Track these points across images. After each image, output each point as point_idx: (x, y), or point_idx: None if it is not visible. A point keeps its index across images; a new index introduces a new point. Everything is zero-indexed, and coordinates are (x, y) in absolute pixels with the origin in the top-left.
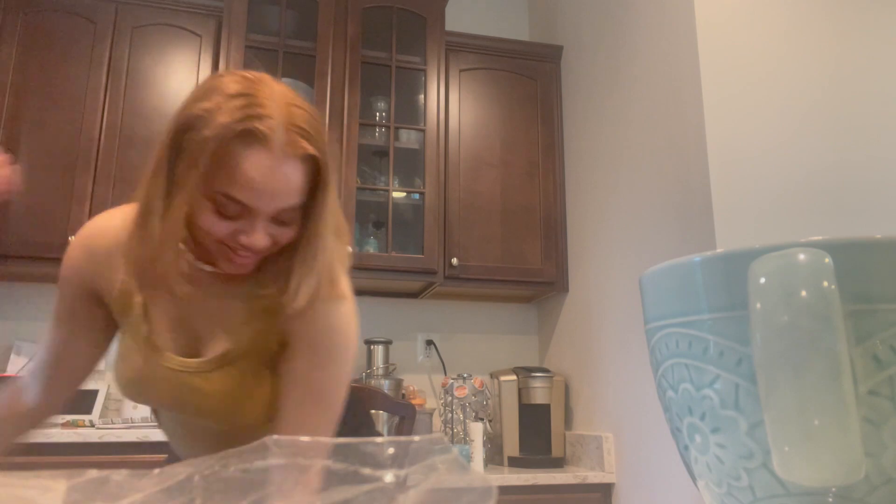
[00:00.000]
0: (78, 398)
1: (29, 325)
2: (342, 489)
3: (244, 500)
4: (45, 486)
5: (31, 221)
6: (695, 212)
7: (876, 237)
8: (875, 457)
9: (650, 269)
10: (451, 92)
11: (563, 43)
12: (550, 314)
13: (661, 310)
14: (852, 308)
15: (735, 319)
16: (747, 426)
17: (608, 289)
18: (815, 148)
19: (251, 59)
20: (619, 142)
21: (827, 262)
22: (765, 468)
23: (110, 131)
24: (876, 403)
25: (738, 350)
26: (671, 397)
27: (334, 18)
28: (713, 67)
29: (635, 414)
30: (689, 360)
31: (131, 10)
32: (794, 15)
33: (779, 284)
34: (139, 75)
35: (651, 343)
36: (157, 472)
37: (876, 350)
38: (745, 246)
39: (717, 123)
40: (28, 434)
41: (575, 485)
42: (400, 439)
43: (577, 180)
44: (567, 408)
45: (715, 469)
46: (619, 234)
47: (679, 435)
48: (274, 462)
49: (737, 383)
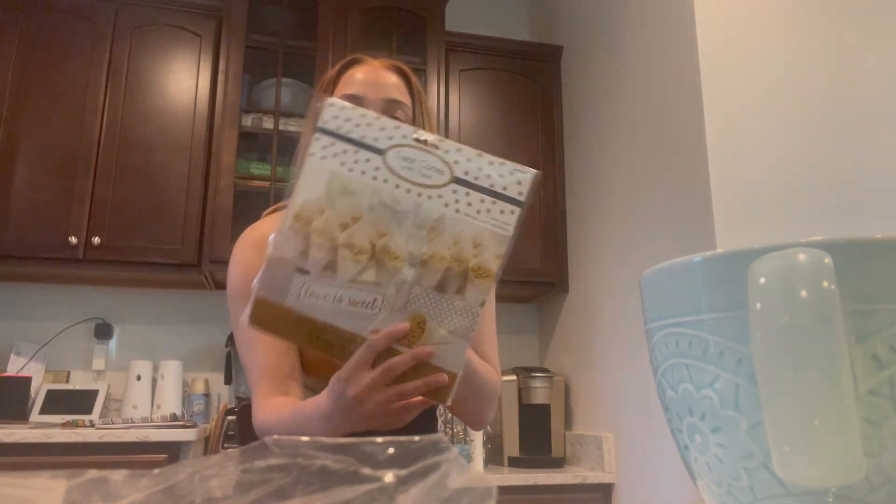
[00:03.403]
0: (78, 398)
1: (29, 325)
2: (342, 489)
3: (244, 499)
4: (45, 486)
5: (31, 221)
6: (695, 212)
7: (876, 237)
8: (875, 457)
9: (650, 269)
10: (451, 92)
11: (563, 43)
12: (550, 314)
13: (661, 310)
14: (852, 308)
15: (735, 319)
16: (747, 426)
17: (608, 289)
18: (815, 148)
19: (251, 59)
20: (619, 142)
21: (827, 262)
22: (765, 468)
23: (110, 131)
24: (876, 403)
25: (738, 350)
26: (671, 397)
27: (334, 18)
28: (713, 67)
29: (635, 414)
30: (689, 360)
31: (131, 10)
32: (794, 15)
33: (779, 284)
34: (139, 75)
35: (651, 343)
36: (157, 472)
37: (876, 350)
38: (745, 246)
39: (717, 123)
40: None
41: (575, 485)
42: (400, 439)
43: (577, 180)
44: (567, 408)
45: (715, 469)
46: (619, 234)
47: (679, 435)
48: (274, 462)
49: (737, 383)
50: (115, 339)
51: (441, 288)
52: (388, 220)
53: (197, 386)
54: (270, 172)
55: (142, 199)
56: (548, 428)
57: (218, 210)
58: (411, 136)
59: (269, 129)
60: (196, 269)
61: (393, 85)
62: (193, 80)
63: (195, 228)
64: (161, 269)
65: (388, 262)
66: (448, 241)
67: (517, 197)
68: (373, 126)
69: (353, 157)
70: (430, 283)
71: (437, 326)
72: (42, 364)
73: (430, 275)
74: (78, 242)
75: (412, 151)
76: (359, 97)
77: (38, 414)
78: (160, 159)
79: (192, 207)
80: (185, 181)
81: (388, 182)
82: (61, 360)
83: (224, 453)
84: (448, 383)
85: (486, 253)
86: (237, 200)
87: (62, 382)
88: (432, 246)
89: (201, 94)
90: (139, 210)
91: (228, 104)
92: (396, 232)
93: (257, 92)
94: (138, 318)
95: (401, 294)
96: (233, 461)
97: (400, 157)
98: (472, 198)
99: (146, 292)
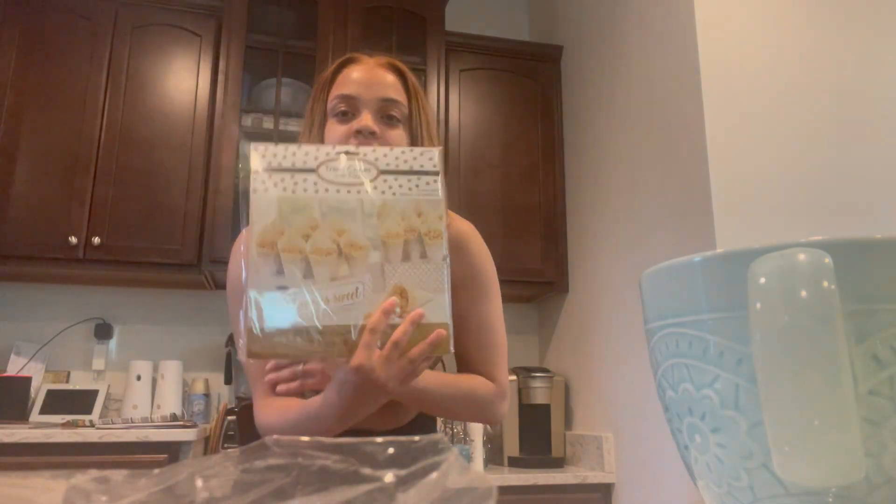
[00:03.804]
0: (78, 398)
1: (29, 325)
2: (342, 489)
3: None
4: (45, 486)
5: (31, 221)
6: (695, 212)
7: (876, 237)
8: (875, 457)
9: (650, 269)
10: (451, 92)
11: (563, 43)
12: (550, 314)
13: (661, 310)
14: (852, 308)
15: (735, 319)
16: (747, 426)
17: (608, 289)
18: (815, 148)
19: (251, 59)
20: (619, 142)
21: (827, 262)
22: (765, 468)
23: (110, 131)
24: (876, 403)
25: (738, 350)
26: (671, 397)
27: (334, 18)
28: (713, 67)
29: (635, 414)
30: (689, 360)
31: (131, 10)
32: (795, 15)
33: (779, 284)
34: (139, 75)
35: (651, 343)
36: (157, 472)
37: (876, 350)
38: (745, 246)
39: (717, 123)
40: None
41: (575, 485)
42: (400, 439)
43: (577, 180)
44: (567, 408)
45: (715, 469)
46: (619, 234)
47: (679, 435)
48: (274, 462)
49: (737, 383)
50: (115, 339)
51: (406, 257)
52: (341, 219)
53: (197, 386)
54: None
55: (142, 199)
56: (548, 428)
57: (218, 210)
58: (333, 151)
59: (269, 129)
60: (196, 269)
61: (388, 84)
62: (193, 80)
63: (195, 228)
64: (161, 269)
65: (355, 253)
66: (396, 219)
67: (433, 168)
68: (298, 154)
69: (292, 180)
70: (396, 258)
71: (416, 290)
72: (42, 364)
73: (393, 251)
74: (78, 242)
75: (338, 163)
76: (353, 97)
77: (38, 414)
78: (160, 159)
79: (192, 207)
80: (185, 181)
81: (328, 191)
82: (61, 360)
83: (224, 453)
84: (446, 335)
85: (430, 217)
86: (237, 200)
87: (62, 382)
88: (385, 227)
89: (201, 94)
90: (139, 210)
91: (228, 104)
92: (352, 227)
93: (257, 92)
94: (138, 318)
95: (376, 275)
96: (233, 461)
97: (330, 168)
98: (399, 181)
99: (146, 292)
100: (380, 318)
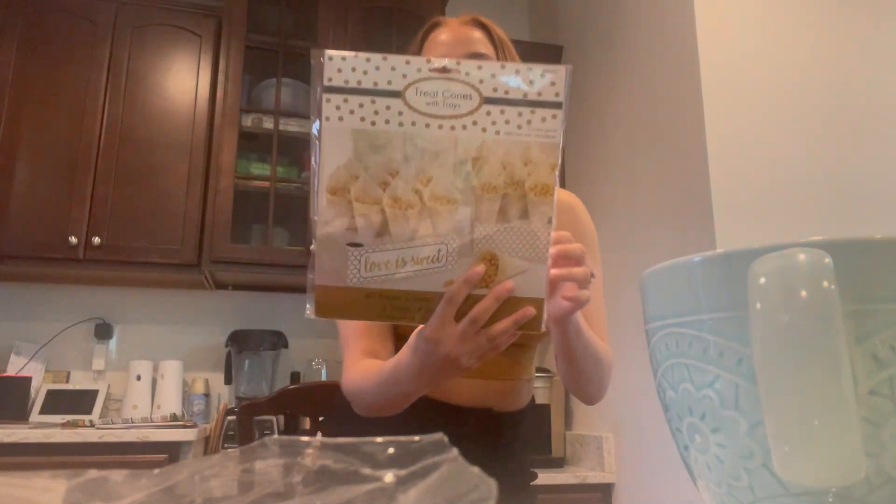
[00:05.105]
0: (78, 398)
1: (29, 325)
2: (342, 489)
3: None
4: (45, 486)
5: (31, 221)
6: (695, 212)
7: (876, 237)
8: (875, 457)
9: (650, 269)
10: None
11: (563, 43)
12: None
13: (661, 310)
14: (852, 308)
15: (735, 319)
16: (747, 426)
17: (608, 289)
18: (815, 148)
19: (251, 59)
20: (619, 142)
21: (827, 262)
22: (765, 468)
23: (110, 131)
24: (876, 403)
25: (738, 350)
26: (671, 397)
27: (334, 18)
28: (713, 67)
29: (635, 414)
30: (689, 360)
31: (131, 10)
32: (795, 15)
33: (779, 284)
34: (139, 75)
35: (651, 343)
36: (157, 472)
37: (876, 350)
38: (745, 246)
39: (717, 123)
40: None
41: (575, 485)
42: (400, 439)
43: (576, 180)
44: (567, 408)
45: (715, 469)
46: (619, 234)
47: (679, 435)
48: (274, 462)
49: (737, 383)
50: (115, 339)
51: (503, 218)
52: (427, 164)
53: (197, 386)
54: (270, 172)
55: (142, 199)
56: (548, 428)
57: (218, 210)
58: (426, 67)
59: (269, 128)
60: (196, 269)
61: (475, 39)
62: (193, 80)
63: (195, 228)
64: (161, 269)
65: (441, 207)
66: (496, 167)
67: (555, 98)
68: (382, 68)
69: (372, 108)
70: (490, 217)
71: (509, 258)
72: (42, 364)
73: (487, 208)
74: (78, 242)
75: (432, 84)
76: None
77: (38, 414)
78: (160, 159)
79: (192, 207)
80: (185, 181)
81: (416, 125)
82: (61, 360)
83: (224, 453)
84: (536, 313)
85: (540, 167)
86: (237, 200)
87: (62, 382)
88: (481, 177)
89: (201, 94)
90: (139, 210)
91: (228, 104)
92: (440, 174)
93: (257, 92)
94: (138, 318)
95: (463, 237)
96: (233, 461)
97: (421, 93)
98: (508, 114)
99: (146, 292)
100: (459, 289)
